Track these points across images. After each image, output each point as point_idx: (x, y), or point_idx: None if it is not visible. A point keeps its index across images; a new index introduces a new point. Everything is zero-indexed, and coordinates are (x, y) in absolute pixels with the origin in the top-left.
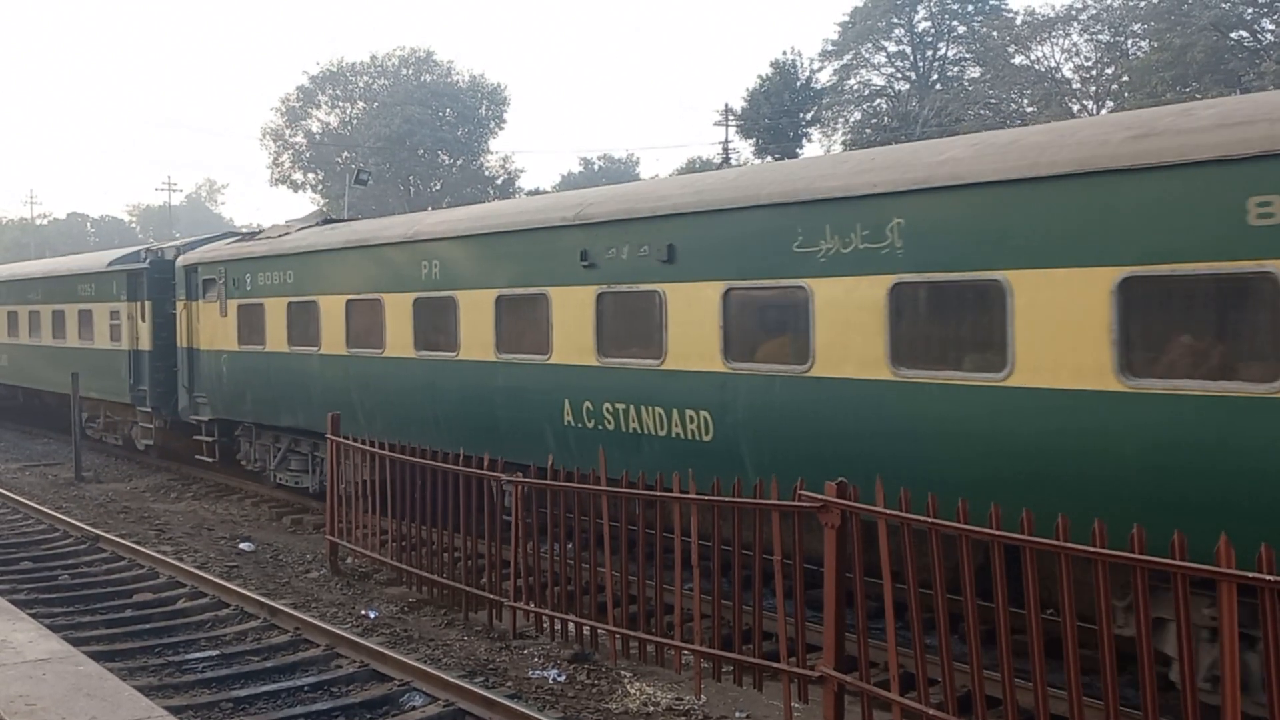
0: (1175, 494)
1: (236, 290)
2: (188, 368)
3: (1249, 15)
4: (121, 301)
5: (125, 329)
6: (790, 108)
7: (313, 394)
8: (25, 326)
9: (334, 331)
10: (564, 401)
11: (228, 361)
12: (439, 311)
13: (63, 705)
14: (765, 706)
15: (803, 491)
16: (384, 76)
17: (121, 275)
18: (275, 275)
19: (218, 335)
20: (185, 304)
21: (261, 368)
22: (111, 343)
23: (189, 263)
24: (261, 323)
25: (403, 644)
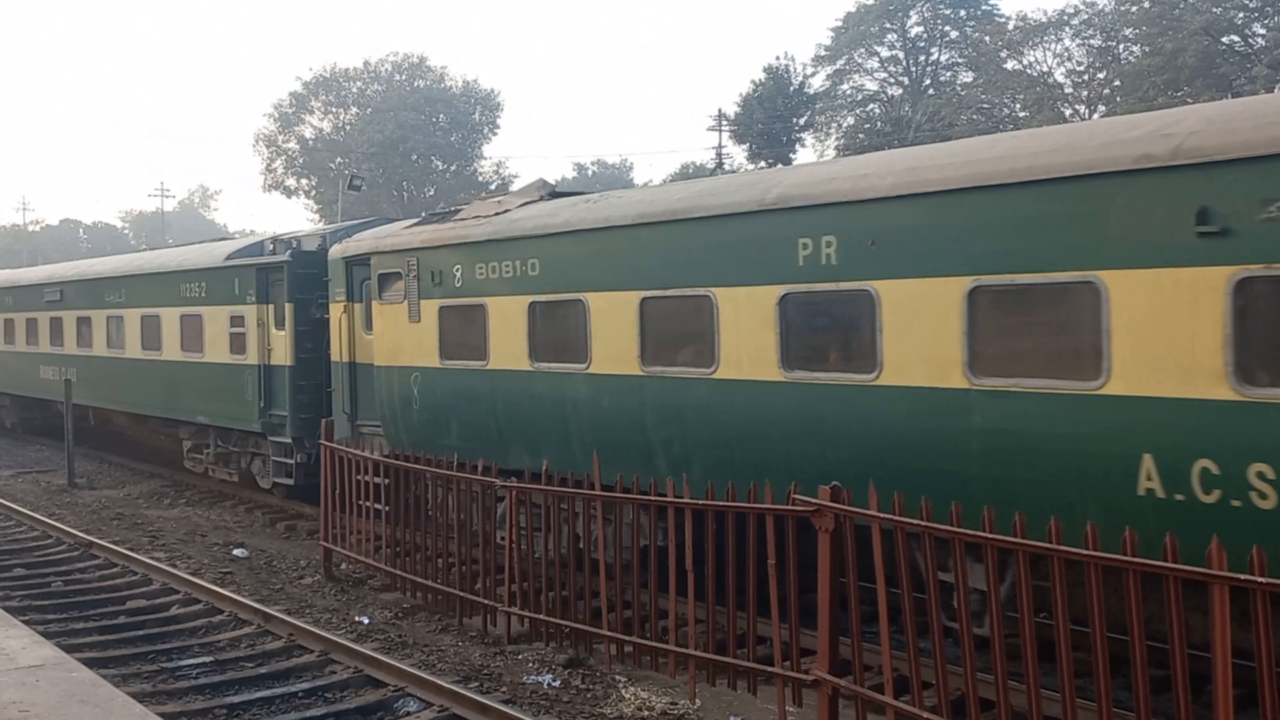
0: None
1: (437, 287)
2: (349, 388)
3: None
4: (248, 304)
5: (253, 338)
6: (784, 113)
7: (573, 427)
8: (102, 335)
9: (615, 342)
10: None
11: (422, 381)
12: (835, 312)
13: (56, 712)
14: (760, 711)
15: (796, 495)
16: (377, 82)
17: (248, 271)
18: (507, 266)
19: (404, 346)
20: (346, 306)
21: (482, 390)
22: (232, 356)
23: (354, 253)
24: (481, 330)
25: (397, 650)
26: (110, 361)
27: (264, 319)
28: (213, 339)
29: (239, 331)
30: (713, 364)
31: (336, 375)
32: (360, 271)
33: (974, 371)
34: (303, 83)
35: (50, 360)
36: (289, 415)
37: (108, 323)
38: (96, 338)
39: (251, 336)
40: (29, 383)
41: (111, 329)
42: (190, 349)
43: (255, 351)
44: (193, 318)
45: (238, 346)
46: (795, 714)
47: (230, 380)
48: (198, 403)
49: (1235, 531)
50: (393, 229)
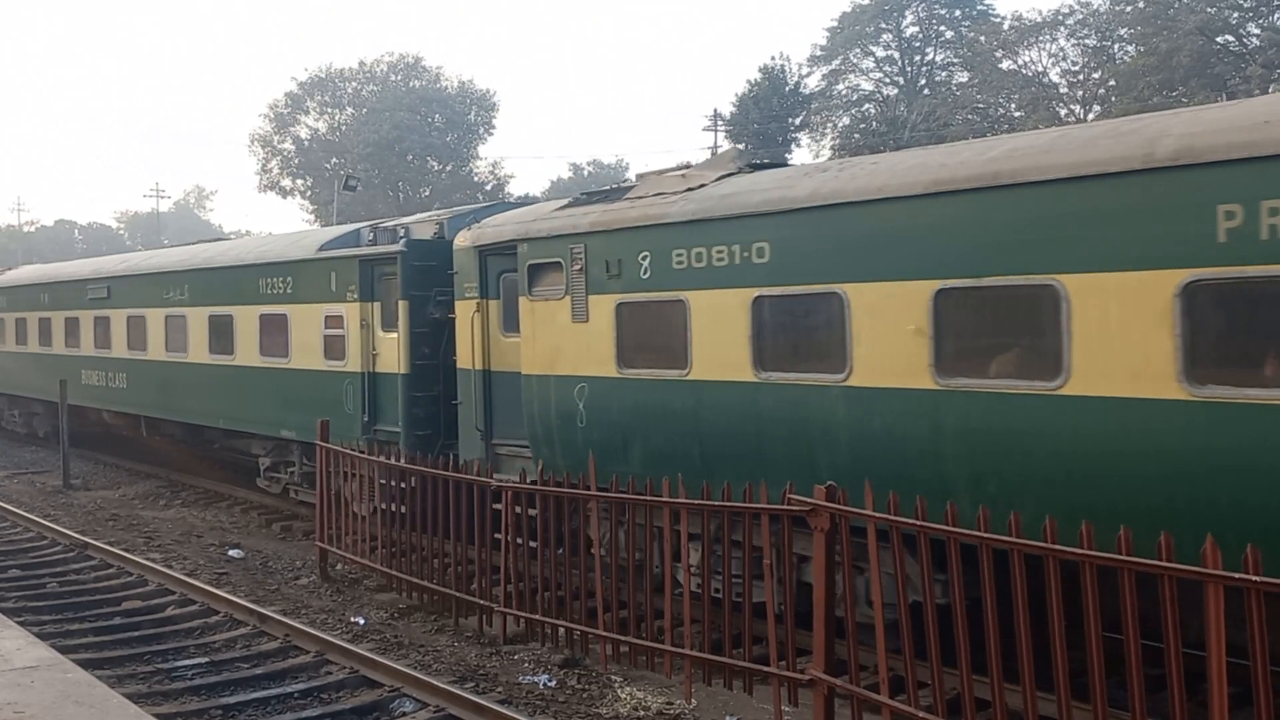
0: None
1: (614, 279)
2: (482, 401)
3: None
4: (348, 302)
5: (355, 342)
6: (779, 113)
7: (821, 455)
8: (159, 337)
9: (890, 345)
10: None
11: (591, 393)
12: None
13: (51, 713)
14: (756, 710)
15: (792, 495)
16: (372, 82)
17: (349, 264)
18: (719, 252)
19: (565, 351)
20: (479, 304)
21: (680, 405)
22: (326, 362)
23: (491, 241)
24: (679, 331)
25: (393, 650)
26: (169, 367)
27: (369, 319)
28: (301, 342)
29: (336, 334)
30: (1058, 376)
31: (465, 386)
32: (498, 263)
33: None
34: (298, 83)
35: (94, 364)
36: (403, 432)
37: (166, 323)
38: (152, 340)
39: (353, 339)
40: (69, 388)
41: (171, 330)
42: (271, 353)
43: (357, 357)
44: (275, 318)
45: (334, 351)
46: (791, 714)
47: (324, 390)
48: (280, 415)
49: None
50: (542, 211)
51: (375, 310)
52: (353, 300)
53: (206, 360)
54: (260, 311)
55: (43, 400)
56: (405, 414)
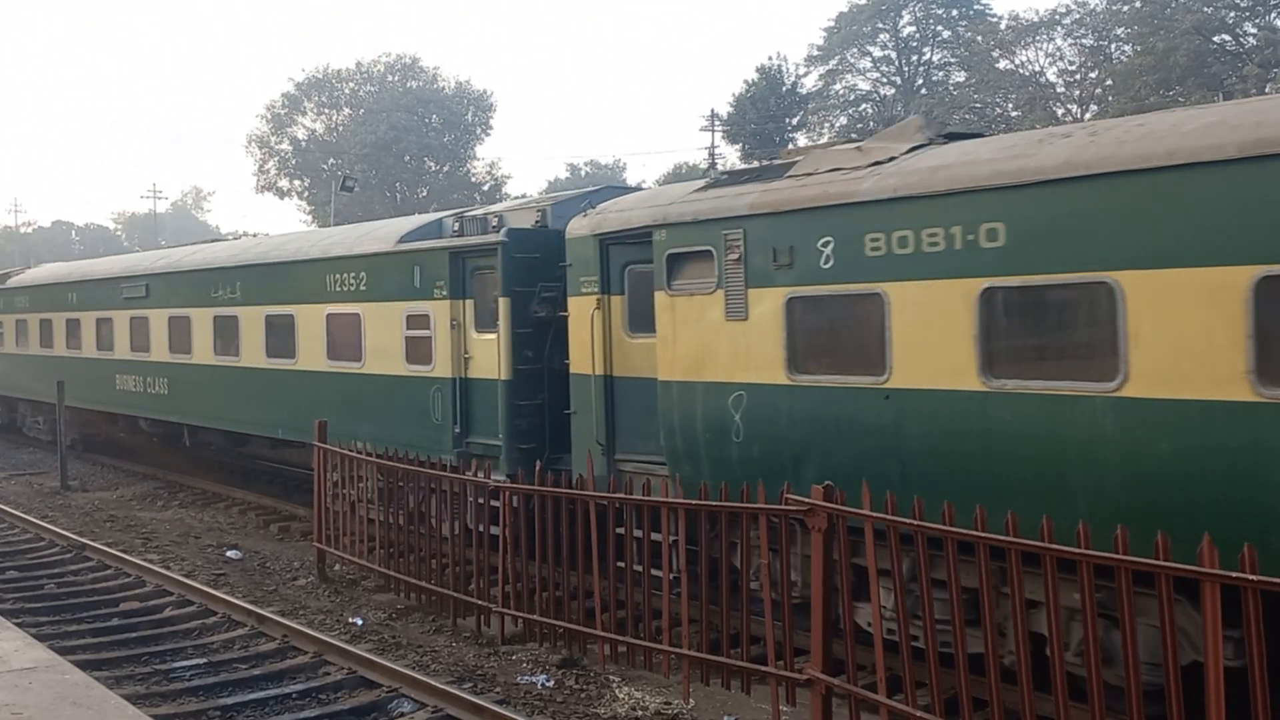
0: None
1: (784, 269)
2: (604, 411)
3: (1231, 19)
4: (435, 299)
5: (444, 344)
6: (776, 113)
7: (1077, 480)
8: (206, 339)
9: (1183, 347)
10: None
11: (750, 403)
12: None
13: (49, 714)
14: (753, 710)
15: (789, 495)
16: (370, 83)
17: (437, 257)
18: (932, 236)
19: (716, 353)
20: (600, 300)
21: (874, 419)
22: (409, 366)
23: (616, 228)
24: (875, 330)
25: (391, 650)
26: (217, 372)
27: (460, 318)
28: (378, 345)
29: (420, 335)
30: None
31: (582, 394)
32: (623, 253)
33: None
34: (295, 84)
35: (131, 368)
36: (504, 445)
37: (215, 324)
38: (198, 342)
39: (441, 341)
40: (100, 394)
41: (220, 332)
42: (341, 356)
43: (447, 361)
44: (345, 318)
45: (419, 354)
46: (789, 713)
47: (406, 398)
48: (351, 425)
49: None
50: (680, 193)
51: (468, 308)
52: (441, 297)
53: (263, 364)
54: (327, 311)
55: (69, 406)
56: (507, 425)
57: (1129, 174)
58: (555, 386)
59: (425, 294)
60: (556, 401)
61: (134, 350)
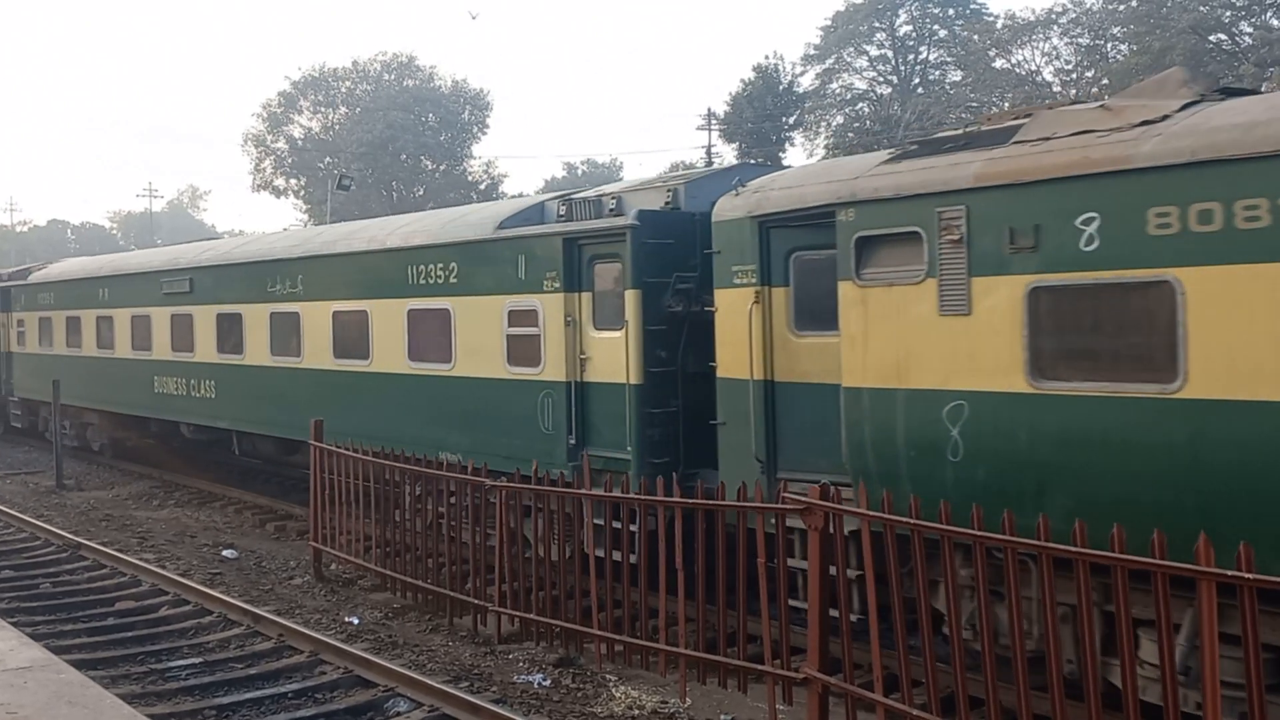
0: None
1: (1026, 253)
2: (764, 422)
3: (1227, 18)
4: (544, 293)
5: (555, 343)
6: (773, 111)
7: None
8: (261, 338)
9: None
10: None
11: (974, 416)
12: None
13: (44, 713)
14: (750, 709)
15: (786, 494)
16: (366, 82)
17: (547, 244)
18: (1248, 210)
19: (924, 355)
20: (758, 292)
21: (1157, 437)
22: (511, 368)
23: (782, 208)
24: (1163, 324)
25: (387, 650)
26: (275, 374)
27: (576, 314)
28: (471, 344)
29: (526, 333)
30: None
31: (734, 401)
32: (788, 238)
33: None
34: (291, 82)
35: (172, 370)
36: (634, 459)
37: (271, 322)
38: (251, 341)
39: (552, 340)
40: (136, 398)
41: (278, 330)
42: (426, 358)
43: (559, 362)
44: (431, 314)
45: (523, 355)
46: (785, 712)
47: (506, 404)
48: (439, 433)
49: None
50: (867, 165)
51: (584, 302)
52: (552, 290)
53: (329, 366)
54: (409, 307)
55: (99, 410)
56: (638, 436)
57: None
58: (689, 392)
59: (532, 287)
60: (691, 409)
61: (175, 350)
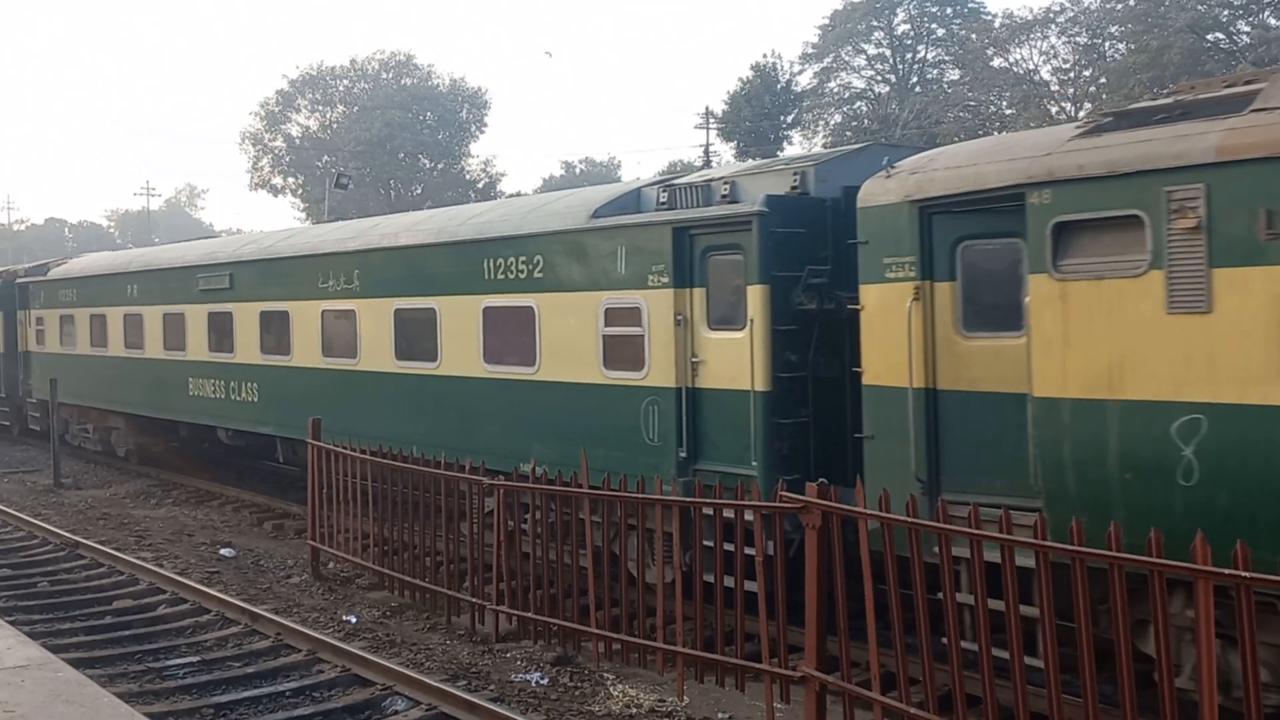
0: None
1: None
2: (924, 435)
3: (1225, 17)
4: (651, 288)
5: (664, 344)
6: (771, 110)
7: None
8: (310, 338)
9: None
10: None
11: (1213, 432)
12: None
13: (42, 712)
14: (748, 707)
15: (784, 493)
16: (364, 80)
17: (654, 234)
18: None
19: (1146, 360)
20: (918, 287)
21: None
22: (608, 372)
23: (950, 190)
24: None
25: (385, 648)
26: (327, 376)
27: (687, 312)
28: (560, 345)
29: (626, 333)
30: None
31: (887, 412)
32: (955, 224)
33: None
34: (289, 81)
35: (209, 371)
36: (761, 475)
37: (323, 320)
38: (300, 341)
39: (658, 341)
40: (168, 401)
41: (331, 329)
42: (505, 360)
43: (668, 365)
44: (511, 312)
45: (623, 357)
46: (783, 710)
47: (603, 412)
48: (520, 444)
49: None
50: (1049, 139)
51: (697, 299)
52: (659, 285)
53: (390, 369)
54: (485, 304)
55: (125, 413)
56: (765, 449)
57: None
58: (820, 400)
59: (634, 282)
60: (820, 420)
61: (213, 350)
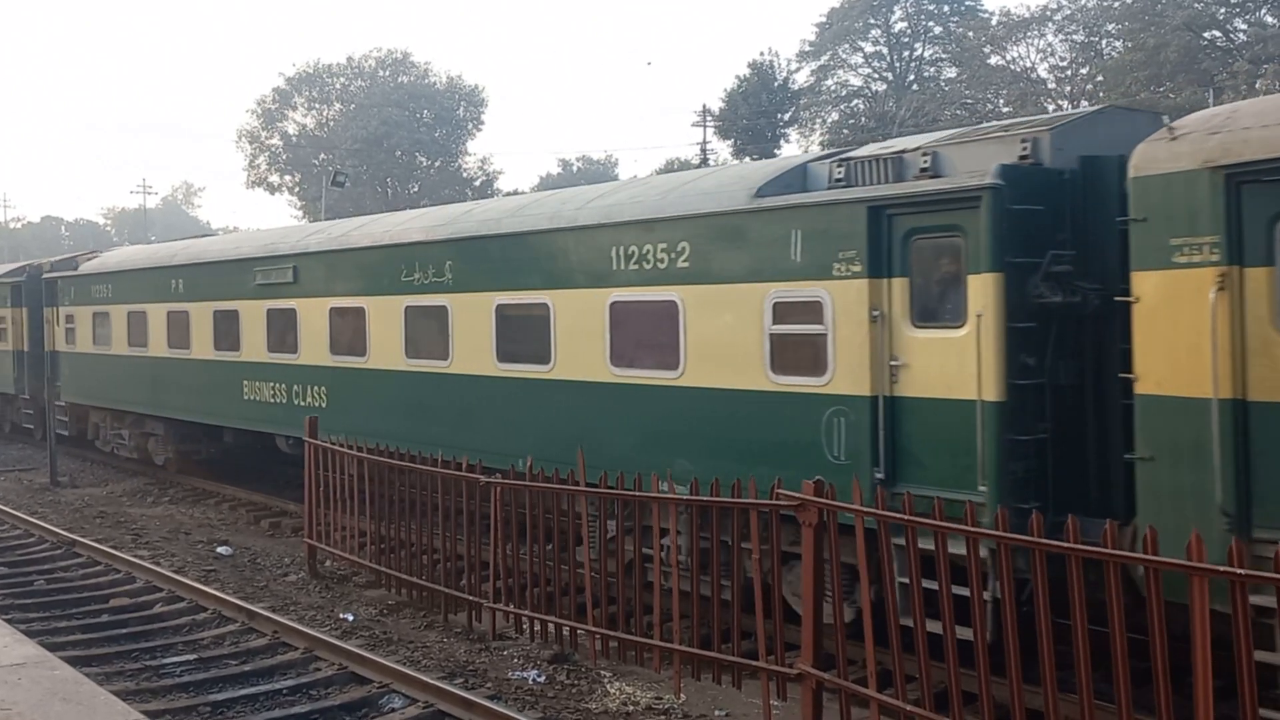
0: None
1: None
2: (1231, 456)
3: (1222, 15)
4: (837, 279)
5: (858, 345)
6: (768, 108)
7: None
8: (390, 336)
9: None
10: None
11: None
12: None
13: (38, 710)
14: (744, 705)
15: (780, 490)
16: (361, 78)
17: (843, 214)
18: None
19: None
20: (1225, 275)
21: None
22: (777, 377)
23: (1271, 153)
24: None
25: (382, 646)
26: (412, 380)
27: (883, 306)
28: (711, 345)
29: (802, 331)
30: None
31: (1173, 428)
32: (1272, 197)
33: None
34: (286, 78)
35: (268, 374)
36: (991, 502)
37: (407, 317)
38: (379, 341)
39: (845, 341)
40: (219, 405)
41: (418, 327)
42: (638, 362)
43: (858, 370)
44: (649, 307)
45: (797, 360)
46: (779, 708)
47: (771, 423)
48: (660, 457)
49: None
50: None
51: (897, 291)
52: (847, 275)
53: (491, 372)
54: (612, 299)
55: (166, 418)
56: (997, 471)
57: None
58: (1059, 413)
59: (814, 271)
60: (1061, 435)
61: (273, 351)
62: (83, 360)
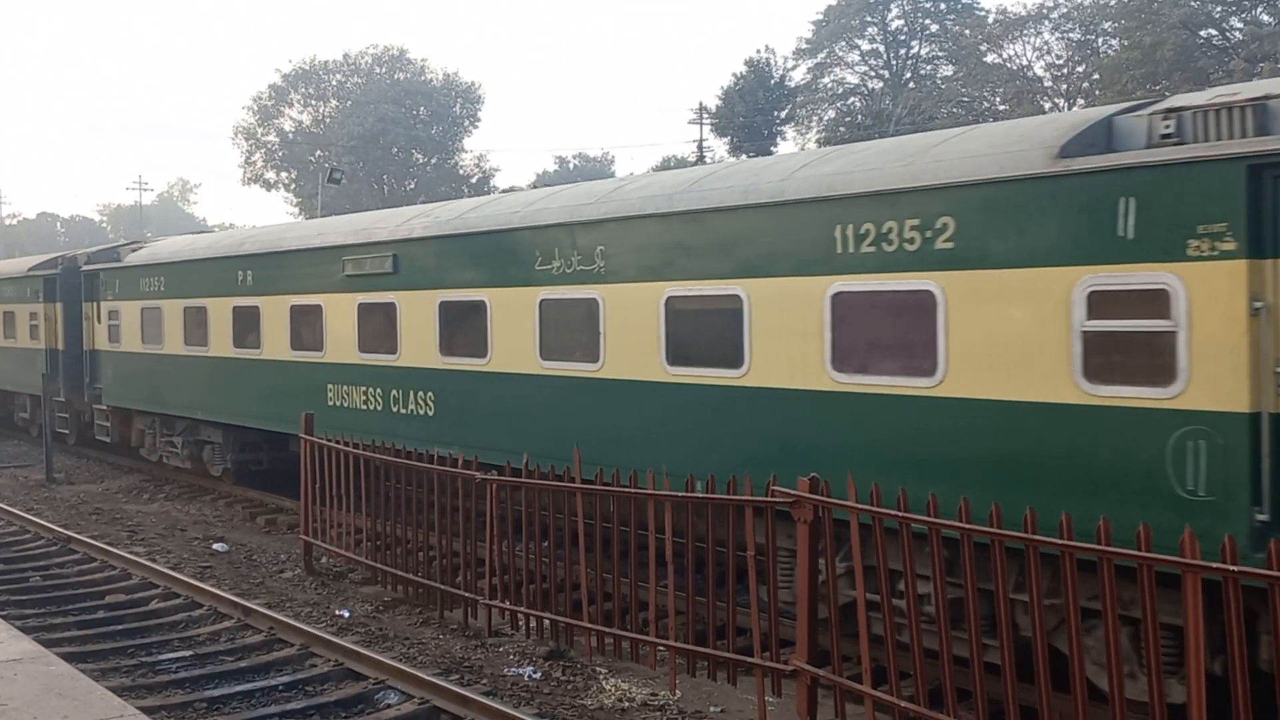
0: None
1: None
2: None
3: (1218, 14)
4: (1190, 261)
5: (1224, 346)
6: (765, 106)
7: None
8: (519, 335)
9: None
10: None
11: None
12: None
13: (34, 705)
14: (740, 701)
15: (776, 488)
16: (357, 75)
17: (1208, 176)
18: None
19: None
20: None
21: None
22: (1094, 387)
23: None
24: None
25: (378, 643)
26: (549, 384)
27: (1269, 296)
28: (986, 344)
29: (1132, 329)
30: None
31: None
32: None
33: None
34: (282, 75)
35: (358, 376)
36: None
37: (541, 312)
38: (504, 339)
39: (1204, 341)
40: (294, 412)
41: (555, 323)
42: (872, 367)
43: (1227, 380)
44: (892, 299)
45: (1126, 365)
46: (774, 704)
47: (1084, 445)
48: (911, 485)
49: None
50: None
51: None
52: (1211, 256)
53: (659, 377)
54: (835, 287)
55: (227, 425)
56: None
57: None
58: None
59: (1155, 252)
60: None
61: (365, 351)
62: (129, 360)
